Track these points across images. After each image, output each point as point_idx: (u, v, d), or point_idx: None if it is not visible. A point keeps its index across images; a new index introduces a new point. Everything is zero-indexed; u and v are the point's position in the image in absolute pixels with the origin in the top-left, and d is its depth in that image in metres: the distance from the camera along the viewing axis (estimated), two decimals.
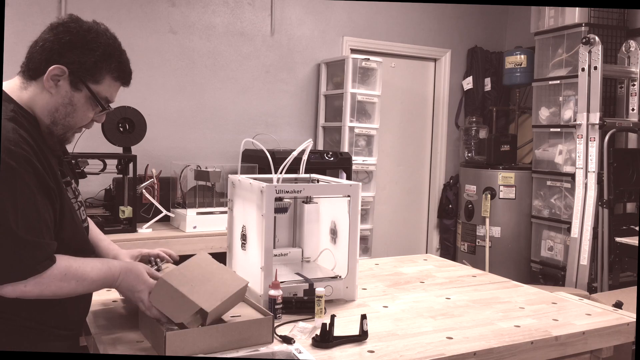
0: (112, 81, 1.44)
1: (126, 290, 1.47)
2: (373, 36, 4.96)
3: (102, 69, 1.41)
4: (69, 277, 1.33)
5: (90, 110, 1.44)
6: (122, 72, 1.47)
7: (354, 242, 1.89)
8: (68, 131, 1.45)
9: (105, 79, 1.42)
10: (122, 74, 1.47)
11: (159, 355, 1.40)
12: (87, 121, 1.46)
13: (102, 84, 1.42)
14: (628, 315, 1.84)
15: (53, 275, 1.30)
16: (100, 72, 1.41)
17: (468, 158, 5.22)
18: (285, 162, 1.84)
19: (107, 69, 1.42)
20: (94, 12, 3.85)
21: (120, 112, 3.51)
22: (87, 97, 1.41)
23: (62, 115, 1.40)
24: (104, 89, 1.43)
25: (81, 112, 1.42)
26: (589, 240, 4.06)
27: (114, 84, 1.46)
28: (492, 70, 5.36)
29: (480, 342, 1.56)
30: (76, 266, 1.36)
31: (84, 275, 1.37)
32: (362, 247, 4.50)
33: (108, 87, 1.44)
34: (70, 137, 1.48)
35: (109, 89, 1.45)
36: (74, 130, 1.46)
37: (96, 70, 1.40)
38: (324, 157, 4.02)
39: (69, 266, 1.34)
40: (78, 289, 1.37)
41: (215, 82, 4.37)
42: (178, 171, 3.81)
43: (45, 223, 1.30)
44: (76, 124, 1.44)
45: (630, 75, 4.29)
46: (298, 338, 1.54)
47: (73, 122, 1.43)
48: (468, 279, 2.27)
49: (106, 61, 1.41)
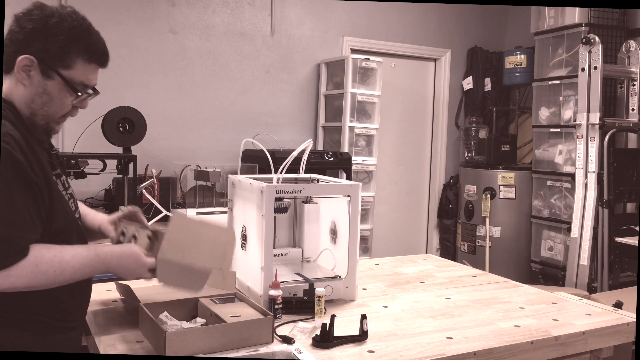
0: (84, 64, 1.39)
1: (125, 274, 1.45)
2: (373, 36, 4.96)
3: (70, 53, 1.36)
4: (43, 268, 1.29)
5: (68, 97, 1.40)
6: (93, 54, 1.41)
7: (354, 242, 1.89)
8: (50, 121, 1.41)
9: (76, 63, 1.38)
10: (94, 55, 1.41)
11: (159, 355, 1.39)
12: (67, 109, 1.42)
13: (74, 68, 1.38)
14: (628, 315, 1.84)
15: (21, 267, 1.26)
16: (69, 57, 1.36)
17: (468, 158, 5.22)
18: (285, 162, 1.84)
19: (76, 53, 1.37)
20: (94, 12, 3.85)
21: (120, 112, 3.51)
22: (61, 84, 1.37)
23: (38, 105, 1.37)
24: (77, 73, 1.39)
25: (58, 100, 1.38)
26: (589, 240, 4.06)
27: (89, 67, 1.41)
28: (492, 70, 5.36)
29: (480, 342, 1.56)
30: (50, 256, 1.31)
31: (62, 264, 1.33)
32: (362, 247, 4.50)
33: (82, 70, 1.39)
34: (55, 126, 1.43)
35: (84, 72, 1.40)
36: (57, 120, 1.42)
37: (64, 55, 1.36)
38: (324, 157, 4.02)
39: (40, 257, 1.29)
40: (59, 278, 1.33)
41: (215, 82, 4.37)
42: (178, 171, 3.81)
43: (20, 217, 1.27)
44: (56, 112, 1.40)
45: (630, 75, 4.29)
46: (298, 338, 1.54)
47: (52, 111, 1.39)
48: (468, 279, 2.27)
49: (73, 45, 1.36)
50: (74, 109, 1.44)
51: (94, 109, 3.79)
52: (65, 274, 1.34)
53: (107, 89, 3.96)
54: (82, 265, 1.37)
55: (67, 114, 1.44)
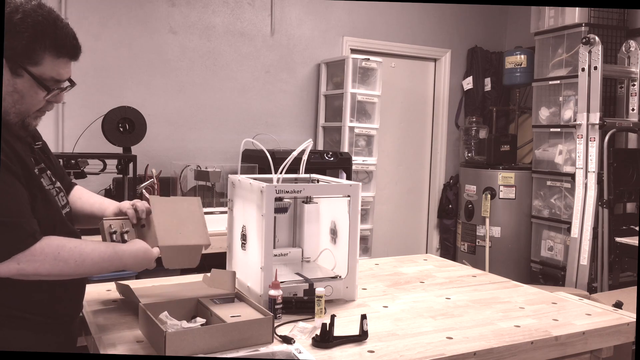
0: (53, 59, 1.36)
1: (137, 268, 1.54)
2: (373, 36, 4.96)
3: (36, 50, 1.33)
4: (64, 256, 1.34)
5: (39, 94, 1.37)
6: (61, 48, 1.36)
7: (354, 242, 1.89)
8: (25, 118, 1.39)
9: (44, 58, 1.34)
10: (62, 49, 1.37)
11: (159, 355, 1.39)
12: (40, 104, 1.40)
13: (43, 64, 1.35)
14: (628, 315, 1.84)
15: (45, 253, 1.31)
16: (35, 53, 1.33)
17: (468, 158, 5.22)
18: (285, 162, 1.84)
19: (42, 48, 1.33)
20: (94, 12, 3.85)
21: (120, 112, 3.51)
22: (30, 81, 1.34)
23: (10, 104, 1.35)
24: (47, 69, 1.35)
25: (29, 97, 1.36)
26: (589, 240, 4.06)
27: (58, 61, 1.37)
28: (492, 70, 5.36)
29: (480, 342, 1.56)
30: (71, 246, 1.36)
31: (83, 256, 1.37)
32: (362, 247, 4.50)
33: (51, 66, 1.36)
34: (31, 122, 1.41)
35: (53, 67, 1.36)
36: (32, 115, 1.40)
37: (30, 52, 1.32)
38: (324, 157, 4.02)
39: (62, 245, 1.34)
40: (79, 269, 1.38)
41: (215, 82, 4.37)
42: (178, 171, 3.82)
43: (20, 204, 1.31)
44: (29, 109, 1.38)
45: (630, 75, 4.29)
46: (298, 338, 1.54)
47: (24, 108, 1.37)
48: (468, 279, 2.27)
49: (38, 41, 1.32)
50: (48, 104, 1.42)
51: (94, 109, 3.81)
52: (85, 265, 1.38)
53: (107, 89, 3.98)
54: (101, 259, 1.42)
55: (42, 109, 1.42)
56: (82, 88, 3.86)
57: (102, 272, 1.45)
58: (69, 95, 4.35)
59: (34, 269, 1.31)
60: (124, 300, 1.81)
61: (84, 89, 3.87)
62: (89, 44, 3.85)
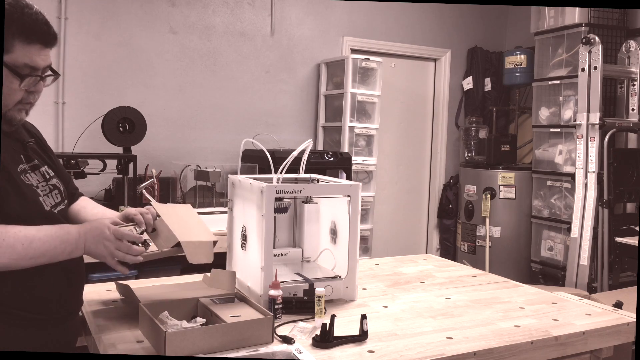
0: (24, 45, 1.31)
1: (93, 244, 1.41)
2: (373, 36, 4.96)
3: (6, 37, 1.29)
4: (10, 241, 1.27)
5: (14, 83, 1.32)
6: (30, 33, 1.32)
7: (354, 242, 1.89)
8: (7, 111, 1.35)
9: (14, 45, 1.30)
10: (32, 35, 1.32)
11: (159, 355, 1.39)
12: (19, 95, 1.35)
13: (14, 51, 1.30)
14: (628, 315, 1.84)
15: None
16: (5, 40, 1.29)
17: (468, 158, 5.22)
18: (285, 162, 1.84)
19: (10, 35, 1.29)
20: (94, 12, 3.85)
21: (120, 112, 3.51)
22: (5, 70, 1.30)
23: None
24: (19, 55, 1.31)
25: (5, 88, 1.31)
26: (589, 240, 4.06)
27: (30, 47, 1.32)
28: (492, 70, 5.36)
29: (480, 342, 1.56)
30: (15, 231, 1.29)
31: (29, 237, 1.30)
32: (362, 247, 4.50)
33: (23, 52, 1.31)
34: (15, 115, 1.38)
35: (27, 53, 1.32)
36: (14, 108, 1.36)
37: None
38: (324, 157, 4.02)
39: (3, 232, 1.28)
40: (29, 253, 1.30)
41: (215, 82, 4.37)
42: (178, 171, 3.82)
43: None
44: (7, 100, 1.33)
45: (630, 75, 4.29)
46: (298, 338, 1.54)
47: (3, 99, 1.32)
48: (468, 279, 2.27)
49: (6, 27, 1.28)
50: (29, 94, 1.38)
51: (94, 109, 3.82)
52: (34, 247, 1.31)
53: (107, 89, 3.98)
54: (49, 237, 1.34)
55: (24, 101, 1.38)
56: (82, 88, 3.86)
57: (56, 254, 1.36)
58: (69, 95, 4.37)
59: None
60: (124, 300, 1.81)
61: (84, 89, 3.87)
62: (89, 44, 3.85)
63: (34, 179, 1.44)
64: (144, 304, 1.57)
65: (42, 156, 1.53)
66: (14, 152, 1.40)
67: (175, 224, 1.61)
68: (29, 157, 1.46)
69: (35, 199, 1.42)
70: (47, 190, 1.47)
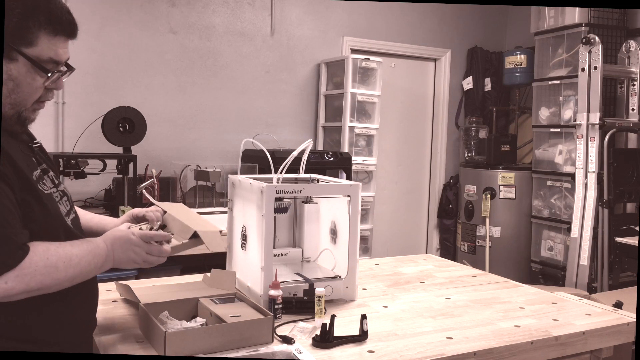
0: (50, 37, 1.21)
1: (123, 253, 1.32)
2: (373, 36, 4.96)
3: (30, 28, 1.18)
4: (52, 260, 1.17)
5: (37, 79, 1.22)
6: (57, 24, 1.22)
7: (354, 242, 1.89)
8: (22, 110, 1.24)
9: (39, 37, 1.19)
10: (58, 25, 1.22)
11: (159, 355, 1.39)
12: (38, 92, 1.24)
13: (39, 44, 1.20)
14: (628, 315, 1.84)
15: (34, 262, 1.14)
16: (29, 32, 1.18)
17: (468, 158, 5.22)
18: (285, 162, 1.84)
19: (37, 26, 1.19)
20: (94, 12, 3.85)
21: (120, 112, 3.51)
22: (27, 64, 1.19)
23: (4, 94, 1.19)
24: (43, 49, 1.20)
25: (26, 84, 1.21)
26: (589, 240, 4.06)
27: (55, 40, 1.22)
28: (492, 70, 5.36)
29: (480, 342, 1.56)
30: (54, 248, 1.19)
31: (68, 255, 1.20)
32: (362, 247, 4.50)
33: (48, 45, 1.21)
34: (29, 115, 1.27)
35: (51, 46, 1.22)
36: (30, 107, 1.26)
37: (24, 30, 1.17)
38: (324, 157, 4.02)
39: (47, 250, 1.17)
40: (69, 272, 1.20)
41: (215, 82, 4.37)
42: (178, 171, 3.82)
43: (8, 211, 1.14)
44: (25, 99, 1.23)
45: (630, 75, 4.29)
46: (298, 338, 1.54)
47: (21, 97, 1.22)
48: (468, 279, 2.27)
49: (31, 17, 1.18)
50: (47, 92, 1.28)
51: (94, 109, 3.82)
52: (73, 264, 1.21)
53: (107, 89, 3.98)
54: (84, 252, 1.24)
55: (41, 99, 1.27)
56: (82, 88, 3.86)
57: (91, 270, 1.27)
58: (69, 95, 4.37)
59: (25, 285, 1.13)
60: (124, 300, 1.81)
61: (84, 89, 3.87)
62: (89, 44, 3.85)
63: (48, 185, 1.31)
64: (144, 304, 1.57)
65: (46, 159, 1.40)
66: (26, 156, 1.27)
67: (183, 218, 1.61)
68: (38, 161, 1.33)
69: (57, 212, 1.29)
70: (59, 197, 1.33)
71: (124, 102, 3.77)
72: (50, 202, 1.28)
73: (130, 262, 1.34)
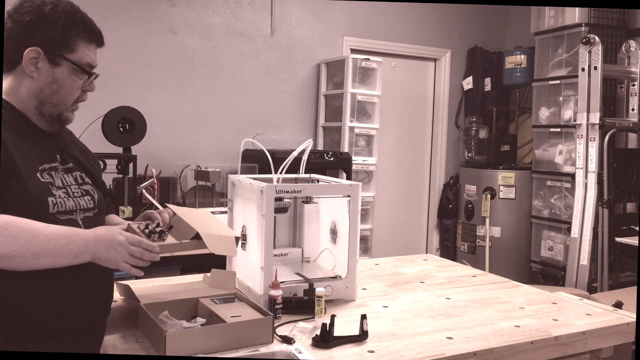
0: (86, 45, 1.43)
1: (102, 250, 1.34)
2: (373, 36, 4.96)
3: (72, 36, 1.40)
4: (13, 231, 1.23)
5: (77, 81, 1.43)
6: (92, 33, 1.45)
7: (354, 242, 1.89)
8: (62, 110, 1.44)
9: (78, 45, 1.41)
10: (93, 34, 1.46)
11: (159, 355, 1.40)
12: (77, 93, 1.45)
13: (78, 51, 1.42)
14: (628, 315, 1.84)
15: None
16: (71, 40, 1.40)
17: (468, 158, 5.22)
18: (285, 162, 1.84)
19: (77, 34, 1.41)
20: (94, 12, 3.84)
21: (120, 112, 3.51)
22: (70, 68, 1.41)
23: (47, 94, 1.39)
24: (81, 55, 1.42)
25: (67, 86, 1.41)
26: (589, 240, 4.06)
27: (89, 47, 1.45)
28: (492, 70, 5.36)
29: (480, 342, 1.56)
30: (22, 222, 1.25)
31: (35, 232, 1.25)
32: (362, 247, 4.50)
33: (85, 51, 1.43)
34: (67, 115, 1.46)
35: (87, 53, 1.44)
36: (69, 108, 1.45)
37: (67, 39, 1.39)
38: (324, 157, 4.02)
39: (10, 221, 1.23)
40: (32, 247, 1.24)
41: (215, 82, 4.37)
42: (178, 171, 3.82)
43: None
44: (66, 100, 1.43)
45: (630, 75, 4.29)
46: (298, 338, 1.54)
47: (62, 98, 1.42)
48: (468, 279, 2.27)
49: (73, 27, 1.40)
50: (83, 94, 1.47)
51: (94, 109, 3.80)
52: (39, 242, 1.25)
53: (107, 89, 3.98)
54: (56, 234, 1.29)
55: (78, 100, 1.46)
56: None
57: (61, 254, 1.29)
58: None
59: None
60: (124, 300, 1.81)
61: None
62: None
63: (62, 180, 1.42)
64: (144, 304, 1.57)
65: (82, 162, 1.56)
66: (45, 151, 1.41)
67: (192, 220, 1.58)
68: (64, 160, 1.48)
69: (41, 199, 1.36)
70: (79, 194, 1.45)
71: (124, 102, 3.76)
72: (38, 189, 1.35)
73: (111, 259, 1.35)
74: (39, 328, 1.33)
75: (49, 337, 1.34)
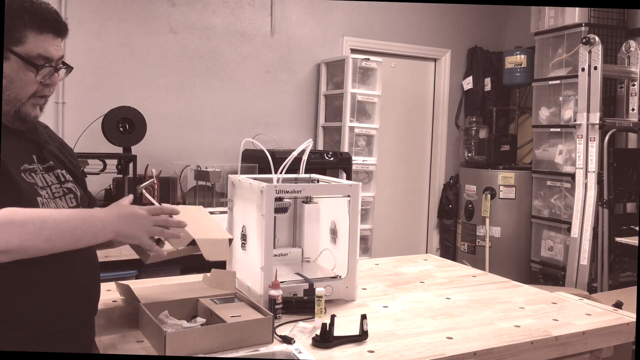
0: (37, 35, 1.30)
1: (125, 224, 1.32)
2: (373, 36, 4.96)
3: (17, 27, 1.28)
4: (17, 219, 1.18)
5: (28, 75, 1.31)
6: (42, 22, 1.31)
7: (354, 242, 1.89)
8: (20, 106, 1.32)
9: (27, 36, 1.29)
10: (44, 23, 1.31)
11: (159, 355, 1.39)
12: (33, 87, 1.32)
13: (27, 42, 1.29)
14: (628, 315, 1.84)
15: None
16: (17, 31, 1.28)
17: (468, 158, 5.22)
18: (285, 162, 1.84)
19: (22, 25, 1.28)
20: (94, 12, 3.85)
21: (120, 112, 3.51)
22: (18, 62, 1.29)
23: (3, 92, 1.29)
24: (32, 46, 1.29)
25: (18, 80, 1.30)
26: (589, 240, 4.06)
27: (42, 37, 1.31)
28: (492, 70, 5.36)
29: (480, 342, 1.56)
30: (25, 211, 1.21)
31: (42, 218, 1.22)
32: (362, 247, 4.50)
33: (36, 43, 1.30)
34: (29, 111, 1.34)
35: (40, 43, 1.30)
36: (28, 102, 1.33)
37: (11, 30, 1.27)
38: (324, 157, 4.02)
39: (14, 211, 1.19)
40: (44, 233, 1.20)
41: (215, 82, 4.37)
42: (178, 171, 3.82)
43: None
44: (19, 95, 1.31)
45: (630, 75, 4.29)
46: (298, 338, 1.54)
47: (15, 93, 1.31)
48: (468, 279, 2.27)
49: (17, 17, 1.27)
50: (44, 87, 1.35)
51: (94, 109, 3.81)
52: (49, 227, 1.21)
53: (107, 89, 3.98)
54: (67, 217, 1.26)
55: (38, 94, 1.35)
56: (82, 88, 3.86)
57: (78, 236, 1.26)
58: (69, 95, 4.37)
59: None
60: (124, 300, 1.81)
61: (84, 89, 3.87)
62: (89, 44, 3.85)
63: (42, 180, 1.37)
64: (144, 304, 1.57)
65: (61, 159, 1.48)
66: (23, 151, 1.35)
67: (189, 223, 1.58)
68: (44, 158, 1.40)
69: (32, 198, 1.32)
70: (61, 193, 1.40)
71: (124, 102, 3.76)
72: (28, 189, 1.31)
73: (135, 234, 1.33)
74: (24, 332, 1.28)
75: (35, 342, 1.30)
